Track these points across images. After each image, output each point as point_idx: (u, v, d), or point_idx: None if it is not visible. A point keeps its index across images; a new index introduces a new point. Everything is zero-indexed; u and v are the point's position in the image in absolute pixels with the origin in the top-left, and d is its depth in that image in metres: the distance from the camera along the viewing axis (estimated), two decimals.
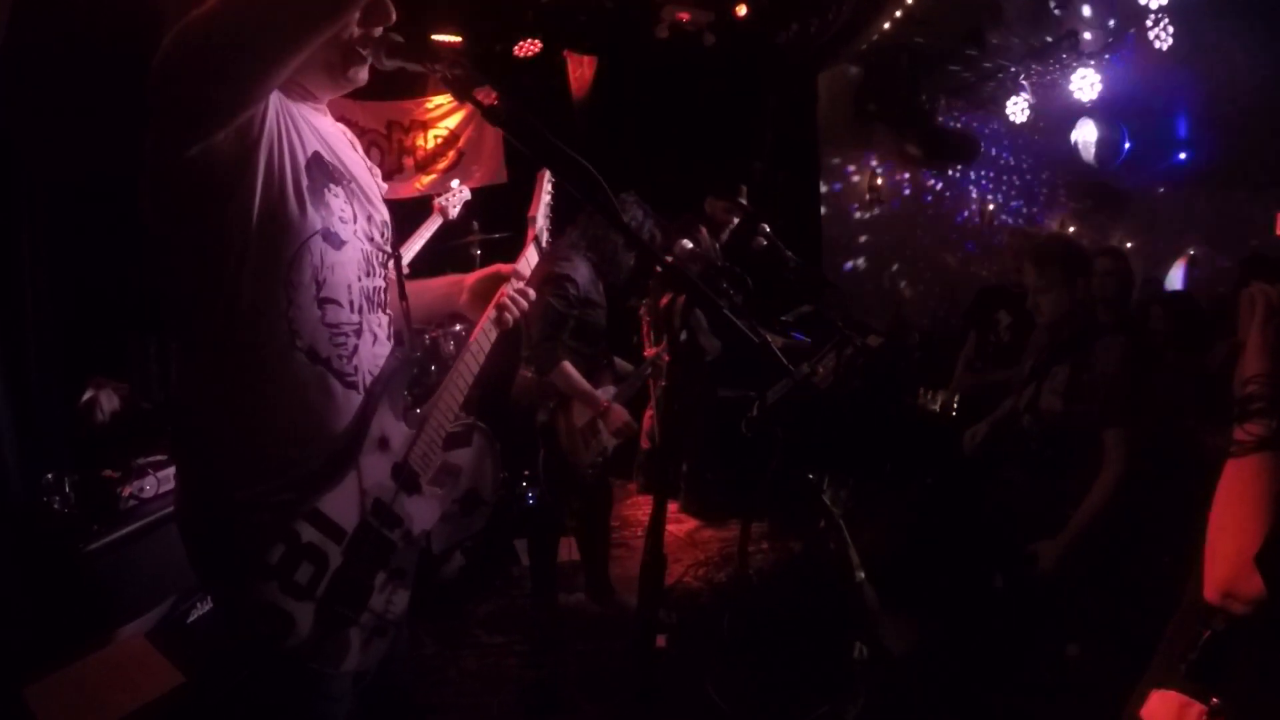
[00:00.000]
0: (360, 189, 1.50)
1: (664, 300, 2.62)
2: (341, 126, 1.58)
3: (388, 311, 1.55)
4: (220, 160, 1.23)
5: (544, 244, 1.99)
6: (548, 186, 2.02)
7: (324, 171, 1.39)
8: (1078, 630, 2.59)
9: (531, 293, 1.82)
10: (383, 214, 1.56)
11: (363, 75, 1.44)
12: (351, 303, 1.42)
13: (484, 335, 1.72)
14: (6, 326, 3.08)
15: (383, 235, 1.55)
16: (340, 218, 1.40)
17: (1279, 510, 1.19)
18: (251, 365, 1.32)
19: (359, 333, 1.44)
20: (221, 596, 1.46)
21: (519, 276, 1.80)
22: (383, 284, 1.53)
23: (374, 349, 1.48)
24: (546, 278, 3.10)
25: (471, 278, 1.82)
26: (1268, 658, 1.18)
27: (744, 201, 4.54)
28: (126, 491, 2.80)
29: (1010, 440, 2.92)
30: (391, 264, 1.59)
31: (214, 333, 1.31)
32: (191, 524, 1.40)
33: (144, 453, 2.97)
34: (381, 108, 5.42)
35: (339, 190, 1.42)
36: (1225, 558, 1.21)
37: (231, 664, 1.50)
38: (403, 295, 1.59)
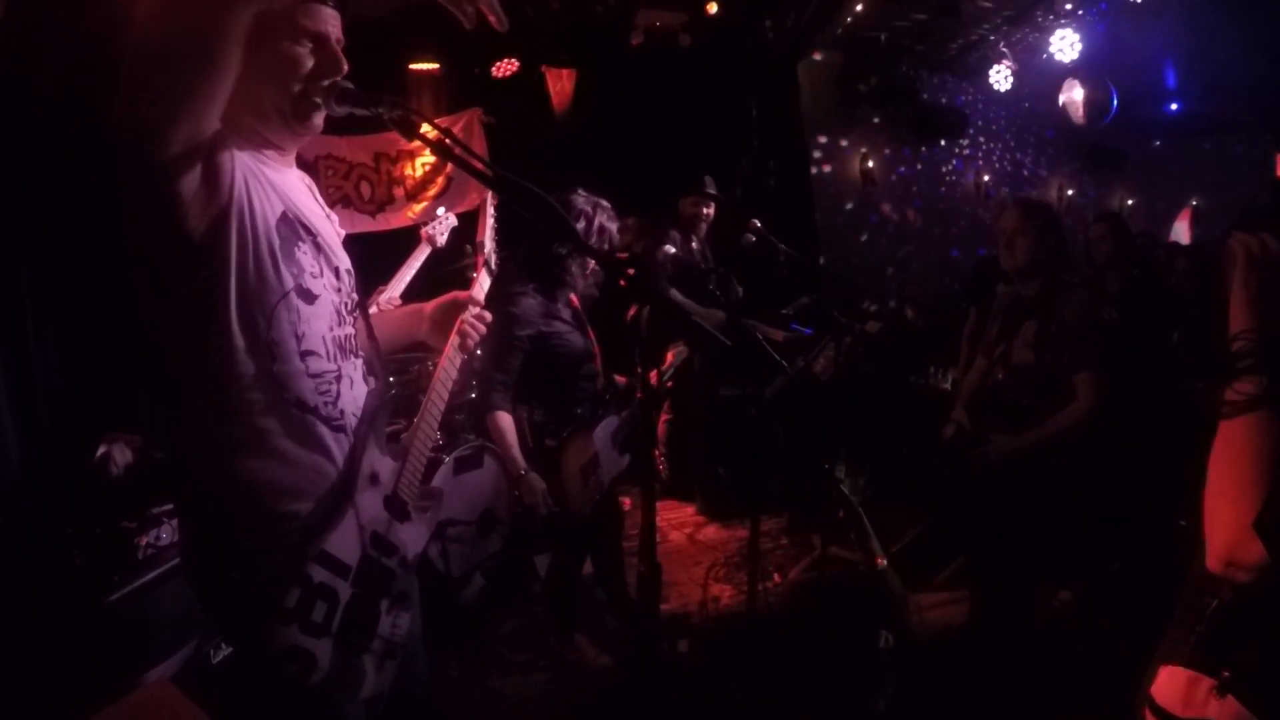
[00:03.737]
0: (325, 242, 1.54)
1: (630, 312, 2.59)
2: (302, 176, 1.62)
3: (359, 355, 1.60)
4: (192, 223, 1.27)
5: (494, 267, 2.10)
6: (491, 211, 2.16)
7: (292, 230, 1.43)
8: (1105, 603, 2.59)
9: (488, 316, 1.89)
10: (345, 263, 1.60)
11: (318, 122, 1.46)
12: (328, 352, 1.48)
13: (450, 362, 1.82)
14: (19, 388, 3.13)
15: (349, 284, 1.59)
16: (311, 273, 1.46)
17: (1276, 471, 1.16)
18: (245, 420, 1.37)
19: (339, 379, 1.50)
20: (242, 641, 1.51)
21: (474, 302, 1.88)
22: (352, 331, 1.58)
23: (353, 392, 1.54)
24: (495, 315, 2.99)
25: (430, 306, 1.90)
26: (1275, 626, 1.15)
27: (712, 191, 4.49)
28: (144, 541, 2.85)
29: (985, 396, 3.02)
30: (359, 310, 1.63)
31: (206, 394, 1.36)
32: (201, 575, 1.46)
33: (159, 502, 3.00)
34: (367, 141, 5.44)
35: (306, 247, 1.46)
36: (1224, 525, 1.18)
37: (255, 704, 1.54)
38: (371, 336, 1.66)
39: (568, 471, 2.94)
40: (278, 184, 1.45)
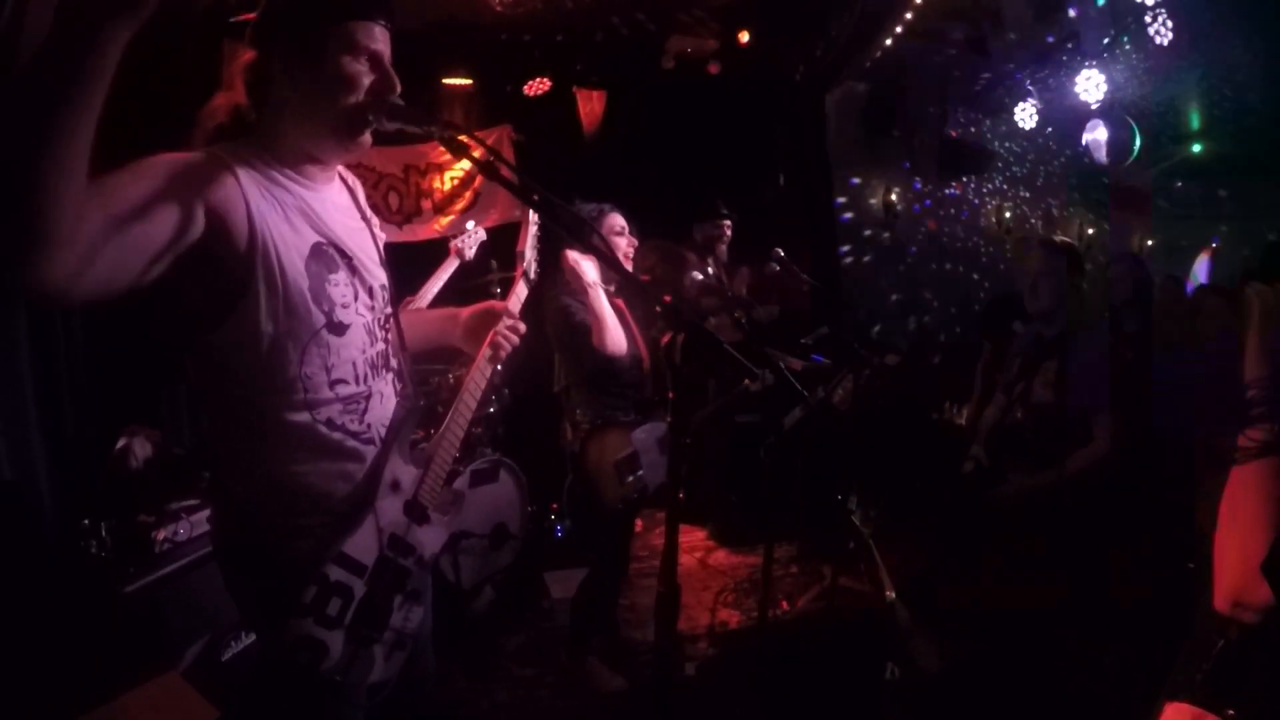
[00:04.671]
0: (360, 262, 1.56)
1: (665, 339, 2.61)
2: (344, 184, 1.64)
3: (390, 369, 1.64)
4: (208, 289, 1.34)
5: (532, 277, 2.08)
6: (534, 220, 2.13)
7: (323, 262, 1.47)
8: (1108, 643, 2.59)
9: (522, 327, 1.90)
10: (381, 279, 1.62)
11: (368, 139, 1.49)
12: (358, 376, 1.53)
13: (480, 373, 1.84)
14: (43, 378, 3.18)
15: (383, 300, 1.62)
16: (342, 304, 1.49)
17: None
18: (277, 439, 1.44)
19: (368, 398, 1.55)
20: (260, 626, 1.60)
21: (509, 314, 1.88)
22: (384, 346, 1.62)
23: (382, 406, 1.60)
24: (550, 313, 3.06)
25: (465, 313, 1.92)
26: None
27: (724, 211, 4.56)
28: (161, 535, 2.87)
29: (1004, 435, 3.06)
30: (391, 321, 1.67)
31: (240, 411, 1.44)
32: (229, 562, 1.55)
33: (177, 498, 3.04)
34: (398, 152, 5.53)
35: (339, 276, 1.50)
36: (1232, 566, 1.21)
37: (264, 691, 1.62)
38: (403, 346, 1.69)
39: (595, 464, 3.00)
40: (313, 208, 1.48)
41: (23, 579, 2.76)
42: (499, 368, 1.94)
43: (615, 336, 2.93)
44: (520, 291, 2.01)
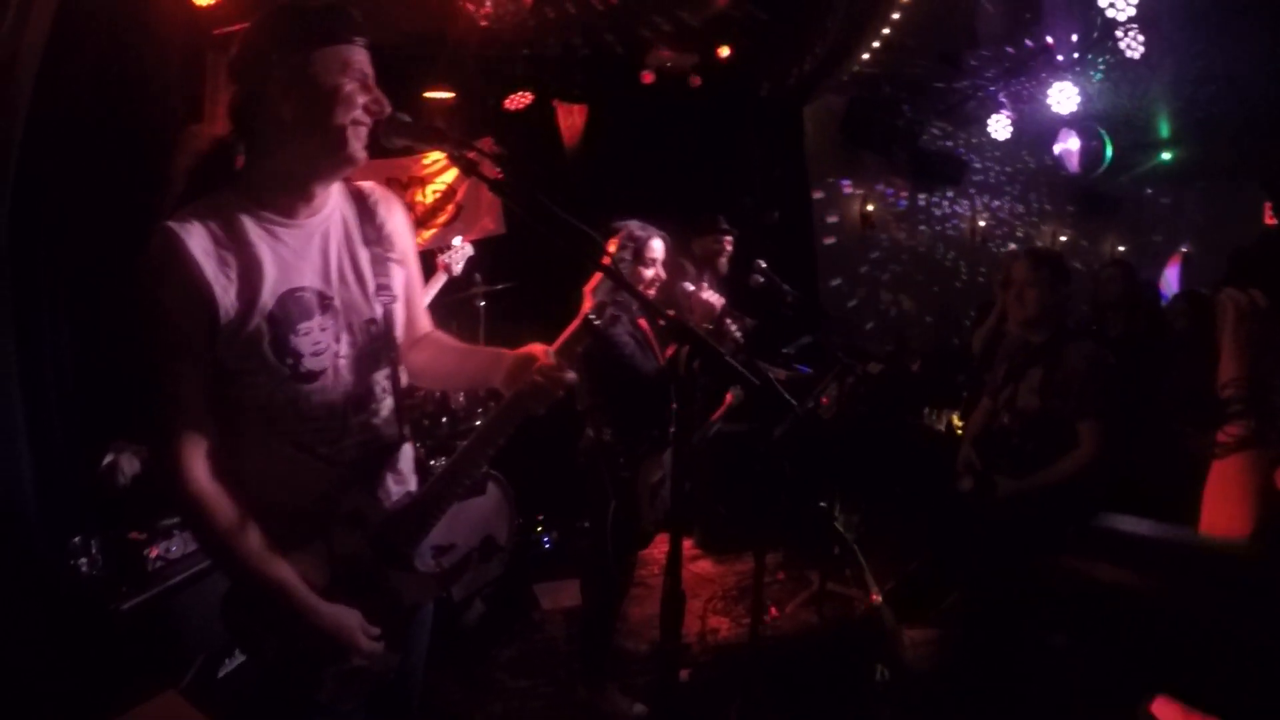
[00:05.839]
0: (346, 300, 1.54)
1: (669, 351, 2.64)
2: (341, 206, 1.60)
3: (377, 401, 1.60)
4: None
5: (598, 323, 1.74)
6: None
7: (292, 310, 1.46)
8: (1094, 634, 2.66)
9: (570, 377, 1.59)
10: (369, 313, 1.57)
11: (363, 155, 1.49)
12: (333, 412, 1.53)
13: (495, 429, 1.62)
14: (29, 394, 3.14)
15: (368, 335, 1.57)
16: (314, 352, 1.48)
17: (1263, 503, 1.26)
18: (250, 453, 1.48)
19: (344, 429, 1.55)
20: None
21: (553, 362, 1.58)
22: (370, 384, 1.58)
23: (360, 435, 1.57)
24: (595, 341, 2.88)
25: (510, 356, 1.66)
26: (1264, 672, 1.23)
27: (725, 226, 4.59)
28: (154, 553, 2.82)
29: (992, 439, 3.10)
30: (389, 352, 1.61)
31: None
32: None
33: (167, 514, 2.96)
34: (380, 165, 5.51)
35: (311, 323, 1.48)
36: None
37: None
38: (396, 380, 1.64)
39: (642, 489, 2.98)
40: (291, 251, 1.48)
41: (15, 600, 2.72)
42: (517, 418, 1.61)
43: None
44: (574, 339, 1.69)
